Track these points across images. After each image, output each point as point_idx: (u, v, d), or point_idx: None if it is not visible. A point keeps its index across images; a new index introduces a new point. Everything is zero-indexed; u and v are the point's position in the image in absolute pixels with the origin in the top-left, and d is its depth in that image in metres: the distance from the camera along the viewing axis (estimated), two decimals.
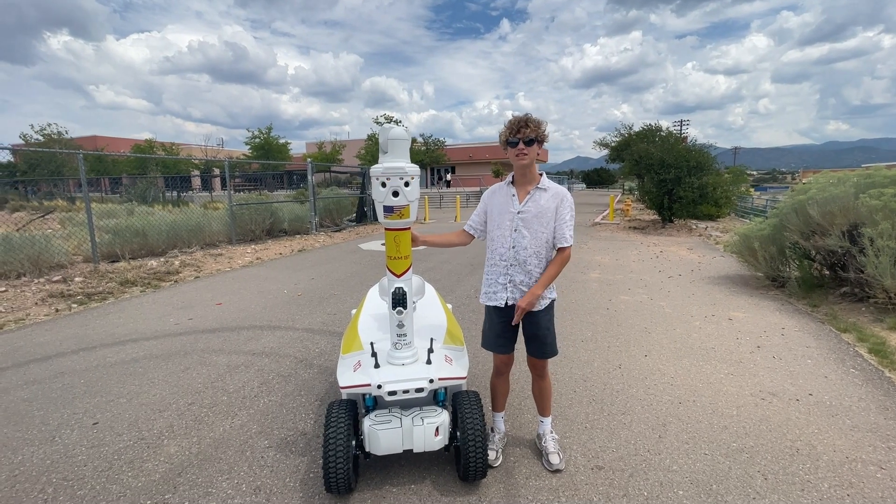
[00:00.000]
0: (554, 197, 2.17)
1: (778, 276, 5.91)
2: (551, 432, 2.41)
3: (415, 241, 2.28)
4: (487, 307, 2.34)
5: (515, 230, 2.18)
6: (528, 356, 2.35)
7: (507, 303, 2.23)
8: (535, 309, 2.20)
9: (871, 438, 2.50)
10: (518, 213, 2.18)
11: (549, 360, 2.37)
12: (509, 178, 2.27)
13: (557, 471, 2.24)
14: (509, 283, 2.21)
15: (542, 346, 2.26)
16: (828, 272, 5.58)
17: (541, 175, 2.21)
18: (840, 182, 5.44)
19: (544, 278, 2.15)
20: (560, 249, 2.19)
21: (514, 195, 2.22)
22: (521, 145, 2.09)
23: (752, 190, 20.56)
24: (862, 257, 4.63)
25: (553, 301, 2.28)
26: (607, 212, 17.45)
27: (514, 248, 2.19)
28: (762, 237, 6.07)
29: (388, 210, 2.02)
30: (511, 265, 2.20)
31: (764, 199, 16.87)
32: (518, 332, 2.33)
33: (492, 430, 2.46)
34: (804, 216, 5.42)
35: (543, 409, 2.43)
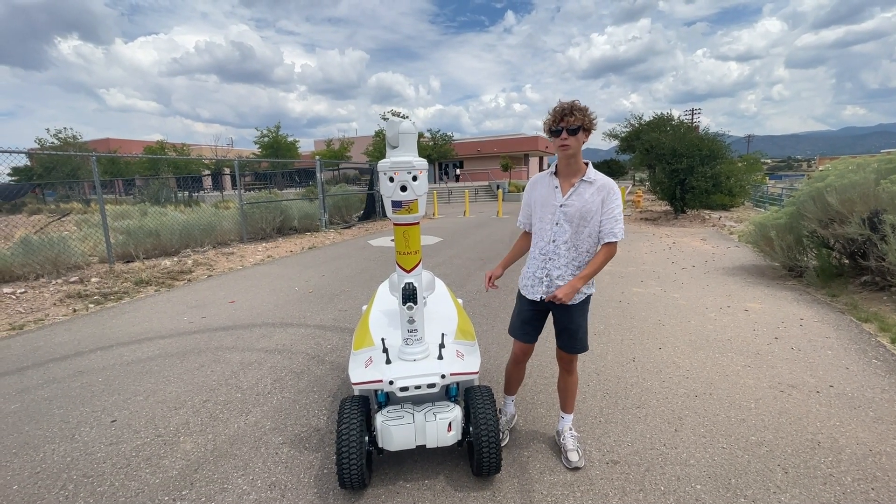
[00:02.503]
0: (600, 190, 2.04)
1: (795, 265, 5.78)
2: (570, 429, 2.36)
3: (498, 276, 2.35)
4: (520, 294, 2.30)
5: (556, 224, 2.09)
6: (557, 349, 2.29)
7: (541, 298, 2.16)
8: (570, 302, 2.11)
9: (895, 430, 2.44)
10: (560, 206, 2.07)
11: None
12: (552, 167, 2.16)
13: (576, 468, 2.21)
14: (546, 276, 2.13)
15: (572, 340, 2.19)
16: (847, 261, 5.44)
17: (587, 165, 2.09)
18: (859, 168, 5.29)
19: (586, 272, 2.05)
20: (606, 244, 2.07)
21: (557, 187, 2.10)
22: (564, 134, 1.97)
23: (766, 178, 20.15)
24: (883, 245, 4.50)
25: (589, 296, 2.19)
26: None
27: (553, 241, 2.10)
28: (778, 226, 5.94)
29: (397, 205, 2.00)
30: (549, 259, 2.12)
31: (779, 188, 16.54)
32: (544, 324, 2.29)
33: (499, 410, 2.45)
34: (822, 204, 5.29)
35: (566, 406, 2.38)
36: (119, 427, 2.71)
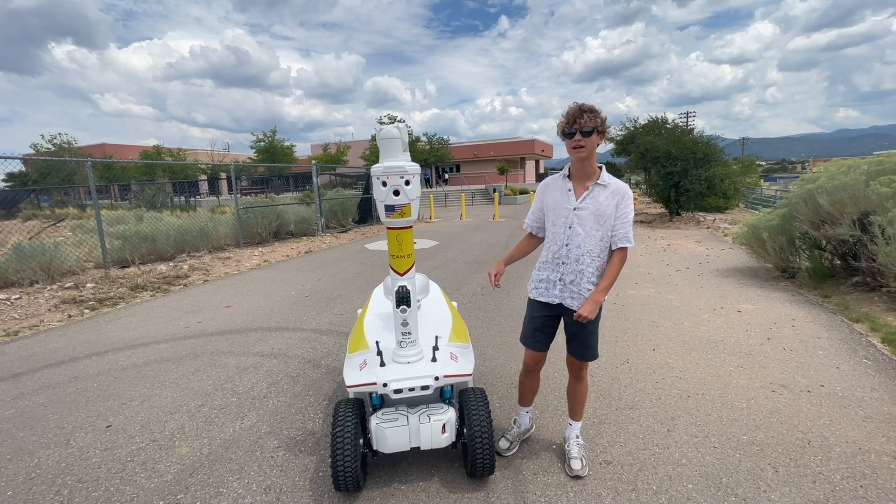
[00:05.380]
0: (614, 194, 2.03)
1: (788, 266, 5.84)
2: (577, 437, 2.33)
3: (502, 273, 2.28)
4: (531, 301, 2.26)
5: (570, 227, 2.06)
6: (567, 355, 2.27)
7: (555, 302, 2.14)
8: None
9: (884, 429, 2.47)
10: (574, 209, 2.05)
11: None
12: (565, 170, 2.14)
13: (578, 477, 2.18)
14: (559, 280, 2.11)
15: (583, 348, 2.17)
16: (839, 262, 5.50)
17: (600, 168, 2.07)
18: (850, 170, 5.35)
19: (605, 283, 2.03)
20: (619, 250, 2.05)
21: (570, 190, 2.08)
22: (578, 136, 1.95)
23: (761, 180, 20.31)
24: (873, 246, 4.56)
25: (601, 304, 2.14)
26: None
27: (567, 245, 2.08)
28: (771, 228, 6.00)
29: (390, 209, 2.03)
30: (563, 263, 2.10)
31: (774, 190, 16.66)
32: (556, 331, 2.26)
33: (514, 421, 2.45)
34: (813, 205, 5.35)
35: (574, 413, 2.36)
36: (114, 432, 2.71)
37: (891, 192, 4.58)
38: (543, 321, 2.21)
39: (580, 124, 1.94)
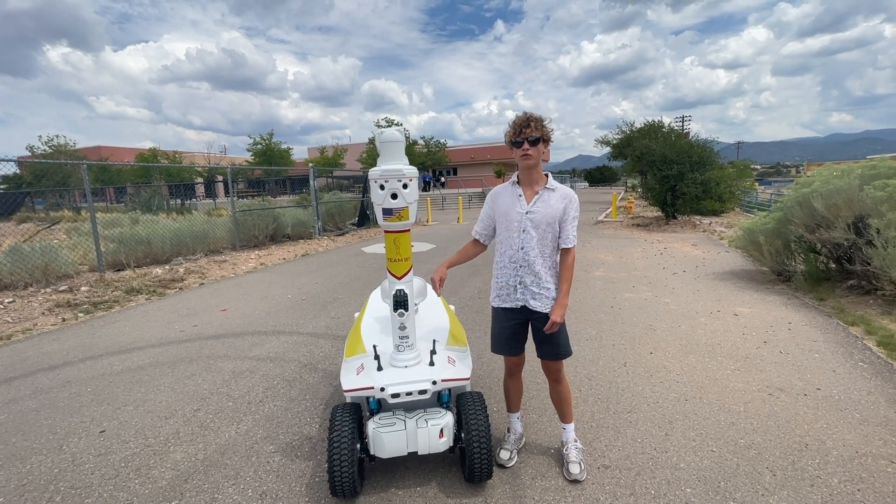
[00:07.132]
0: (563, 198, 2.16)
1: (784, 270, 5.86)
2: (575, 440, 2.33)
3: (444, 277, 2.31)
4: (496, 310, 2.32)
5: (524, 231, 2.15)
6: (542, 361, 2.29)
7: (519, 305, 2.22)
8: (544, 310, 2.16)
9: (881, 432, 2.48)
10: (526, 213, 2.15)
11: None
12: (514, 177, 2.25)
13: (576, 481, 2.17)
14: (519, 284, 2.19)
15: (555, 347, 2.21)
16: (834, 265, 5.53)
17: (546, 175, 2.19)
18: (844, 174, 5.39)
19: (566, 286, 2.15)
20: (565, 251, 2.17)
21: (520, 195, 2.19)
22: (525, 145, 2.07)
23: (756, 184, 20.45)
24: (868, 249, 4.59)
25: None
26: (610, 209, 17.40)
27: (522, 249, 2.16)
28: (767, 231, 6.02)
29: (388, 212, 2.02)
30: (520, 267, 2.18)
31: (768, 193, 16.77)
32: (528, 332, 2.31)
33: (508, 430, 2.45)
34: (808, 209, 5.38)
35: (563, 416, 2.36)
36: (108, 437, 2.68)
37: (885, 195, 4.61)
38: (513, 328, 2.27)
39: (526, 134, 2.06)
